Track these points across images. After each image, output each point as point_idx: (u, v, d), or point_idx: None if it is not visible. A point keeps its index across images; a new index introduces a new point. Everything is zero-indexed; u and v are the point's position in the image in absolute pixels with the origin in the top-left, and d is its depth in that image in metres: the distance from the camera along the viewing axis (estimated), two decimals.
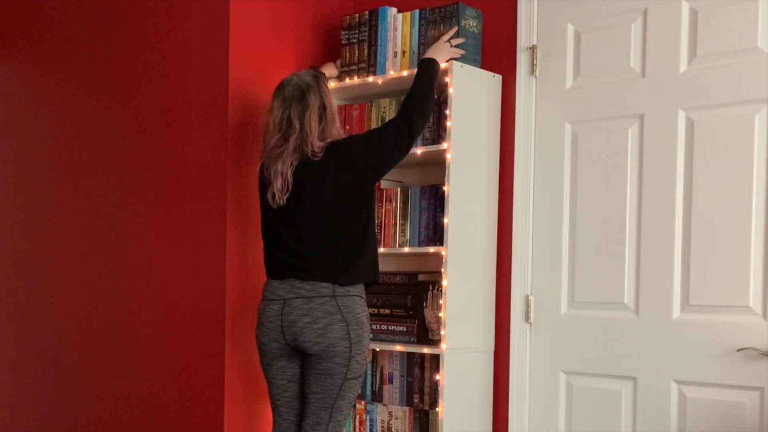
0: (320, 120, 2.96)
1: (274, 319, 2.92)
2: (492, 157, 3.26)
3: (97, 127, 3.78)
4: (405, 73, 3.24)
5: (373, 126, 3.40)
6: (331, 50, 3.61)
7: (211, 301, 3.29)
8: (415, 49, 3.25)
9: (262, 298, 3.00)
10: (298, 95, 2.95)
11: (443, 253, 3.09)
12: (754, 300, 2.79)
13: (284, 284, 2.92)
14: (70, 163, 3.89)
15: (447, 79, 3.11)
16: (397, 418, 3.33)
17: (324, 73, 3.10)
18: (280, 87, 3.00)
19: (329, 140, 2.95)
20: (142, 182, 3.58)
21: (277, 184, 2.92)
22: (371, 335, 2.99)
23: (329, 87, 3.06)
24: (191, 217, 3.38)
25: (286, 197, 2.92)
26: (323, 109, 2.97)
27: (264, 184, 3.01)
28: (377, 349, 3.39)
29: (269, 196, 2.96)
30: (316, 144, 2.92)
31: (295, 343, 2.88)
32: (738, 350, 2.80)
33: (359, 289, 2.93)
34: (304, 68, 3.14)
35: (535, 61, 3.23)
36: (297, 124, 2.93)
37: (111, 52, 3.71)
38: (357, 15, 3.40)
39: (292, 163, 2.92)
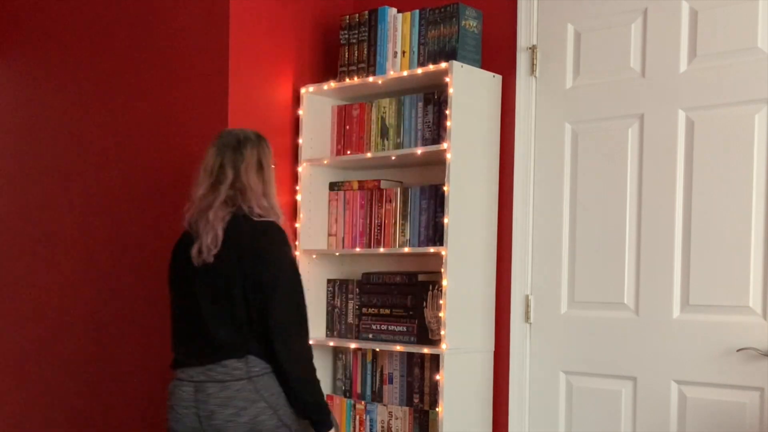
0: (258, 176, 2.71)
1: (187, 405, 2.64)
2: (492, 157, 3.26)
3: (97, 127, 3.78)
4: (405, 73, 3.24)
5: (373, 126, 3.40)
6: (331, 50, 3.61)
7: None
8: (415, 49, 3.25)
9: (172, 377, 2.72)
10: (233, 144, 2.73)
11: (443, 253, 3.09)
12: (754, 300, 2.79)
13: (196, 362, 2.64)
14: (70, 163, 3.89)
15: (447, 79, 3.11)
16: (397, 418, 3.33)
17: (267, 141, 2.83)
18: (217, 136, 2.80)
19: (273, 220, 2.70)
20: (142, 182, 3.58)
21: (208, 238, 2.63)
22: (370, 335, 2.98)
23: (271, 154, 2.80)
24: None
25: (213, 254, 2.63)
26: (260, 166, 2.72)
27: (180, 248, 2.74)
28: (377, 349, 3.39)
29: (194, 252, 2.64)
30: (262, 203, 2.69)
31: None
32: (738, 350, 2.80)
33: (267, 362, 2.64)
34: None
35: (535, 61, 3.23)
36: (230, 173, 2.68)
37: (111, 51, 3.72)
38: (357, 15, 3.40)
39: (224, 217, 2.65)
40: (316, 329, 3.53)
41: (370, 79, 3.33)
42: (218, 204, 2.66)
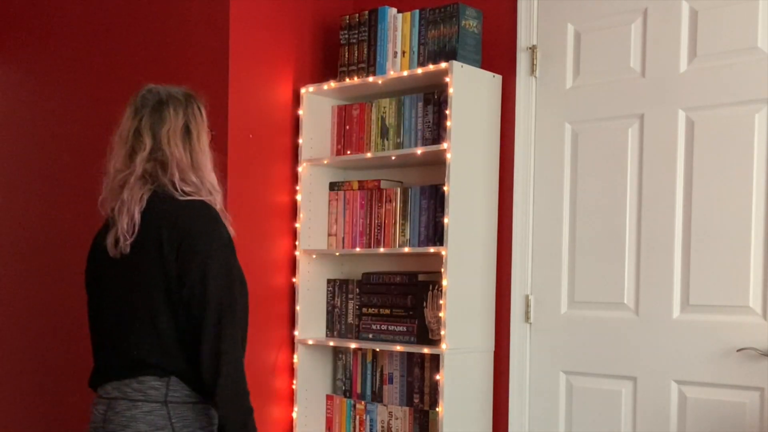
0: (185, 144, 2.21)
1: (97, 426, 2.19)
2: (492, 157, 3.26)
3: (97, 127, 3.78)
4: (405, 73, 3.24)
5: (373, 126, 3.40)
6: (330, 50, 3.61)
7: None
8: (415, 49, 3.25)
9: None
10: (153, 103, 2.24)
11: (443, 253, 3.09)
12: (754, 300, 2.79)
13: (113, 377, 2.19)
14: (70, 163, 3.89)
15: (447, 79, 3.10)
16: (397, 418, 3.32)
17: (202, 101, 2.36)
18: (135, 93, 2.30)
19: (204, 199, 2.21)
20: None
21: (123, 223, 2.15)
22: (370, 335, 2.97)
23: (204, 117, 2.32)
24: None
25: (129, 244, 2.15)
26: (187, 131, 2.23)
27: (97, 239, 2.29)
28: (377, 349, 3.39)
29: (110, 241, 2.18)
30: (189, 177, 2.20)
31: None
32: (738, 350, 2.80)
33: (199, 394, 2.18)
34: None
35: (535, 61, 3.23)
36: (148, 141, 2.19)
37: (111, 51, 3.71)
38: (357, 15, 3.40)
39: (142, 197, 2.16)
40: (316, 329, 3.53)
41: (370, 79, 3.33)
42: (134, 180, 2.18)
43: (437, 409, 3.09)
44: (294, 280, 3.51)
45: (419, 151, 3.20)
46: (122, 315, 2.19)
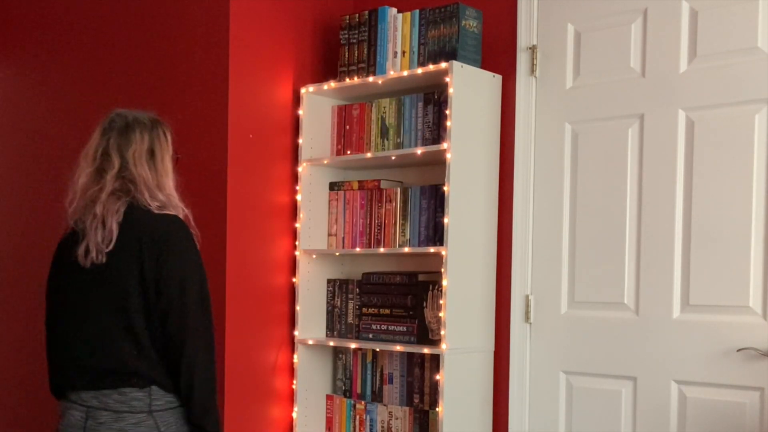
0: (150, 165, 2.34)
1: (74, 431, 2.28)
2: (492, 157, 3.26)
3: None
4: (405, 73, 3.24)
5: (373, 126, 3.40)
6: (330, 50, 3.61)
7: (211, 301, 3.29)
8: (415, 49, 3.25)
9: (62, 399, 2.36)
10: (120, 126, 2.37)
11: (443, 253, 3.09)
12: (754, 300, 2.79)
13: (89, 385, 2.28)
14: (70, 164, 3.88)
15: (447, 79, 3.11)
16: (397, 418, 3.32)
17: (168, 125, 2.48)
18: (105, 116, 2.45)
19: (173, 214, 2.34)
20: None
21: (97, 235, 2.25)
22: (370, 335, 2.97)
23: (169, 141, 2.44)
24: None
25: (106, 253, 2.25)
26: (151, 154, 2.36)
27: (64, 250, 2.37)
28: (377, 349, 3.39)
29: (80, 252, 2.27)
30: (156, 195, 2.33)
31: None
32: (738, 350, 2.80)
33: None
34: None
35: (535, 61, 3.23)
36: (116, 161, 2.32)
37: (111, 52, 3.71)
38: (357, 15, 3.40)
39: (118, 209, 2.28)
40: (316, 329, 3.53)
41: (370, 79, 3.33)
42: (105, 195, 2.29)
43: (437, 409, 3.09)
44: (294, 280, 3.51)
45: (419, 151, 3.20)
46: (97, 323, 2.27)
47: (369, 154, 3.37)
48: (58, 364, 2.36)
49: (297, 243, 3.49)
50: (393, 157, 3.32)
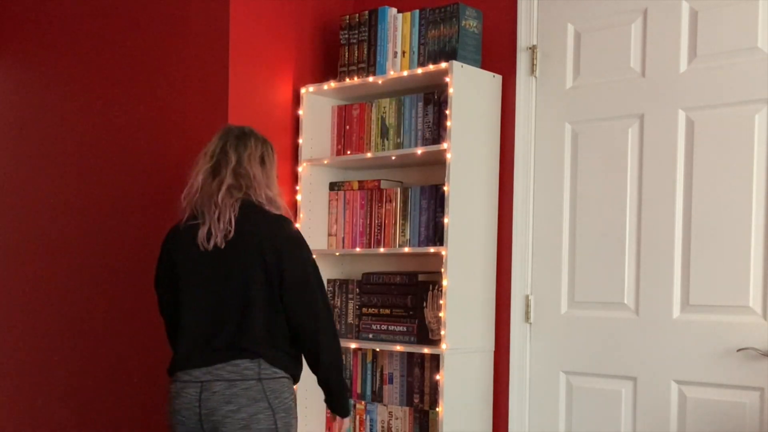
0: (262, 168, 2.66)
1: (190, 406, 2.58)
2: (492, 157, 3.26)
3: (97, 128, 3.78)
4: (405, 73, 3.24)
5: (373, 126, 3.40)
6: (330, 50, 3.61)
7: None
8: (415, 49, 3.25)
9: (173, 379, 2.64)
10: (237, 132, 2.69)
11: (443, 253, 3.09)
12: (754, 300, 2.79)
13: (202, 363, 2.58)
14: (71, 164, 3.89)
15: (447, 79, 3.11)
16: (397, 418, 3.33)
17: (273, 147, 2.77)
18: (222, 128, 2.75)
19: (286, 216, 2.66)
20: (143, 182, 3.58)
21: (219, 223, 2.55)
22: (370, 335, 2.97)
23: (275, 159, 2.75)
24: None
25: (227, 240, 2.56)
26: (262, 161, 2.67)
27: (180, 239, 2.65)
28: (377, 349, 3.39)
29: (202, 235, 2.57)
30: (267, 193, 2.64)
31: None
32: (738, 350, 2.80)
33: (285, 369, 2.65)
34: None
35: (535, 61, 3.23)
36: (233, 157, 2.62)
37: (111, 52, 3.72)
38: (357, 15, 3.40)
39: (233, 204, 2.58)
40: None
41: (370, 79, 3.33)
42: (225, 189, 2.58)
43: (437, 409, 3.09)
44: None
45: (419, 151, 3.20)
46: (219, 309, 2.58)
47: (369, 154, 3.37)
48: (182, 345, 2.62)
49: None
50: (393, 157, 3.32)
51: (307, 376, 3.31)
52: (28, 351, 4.08)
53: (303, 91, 3.51)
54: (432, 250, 3.16)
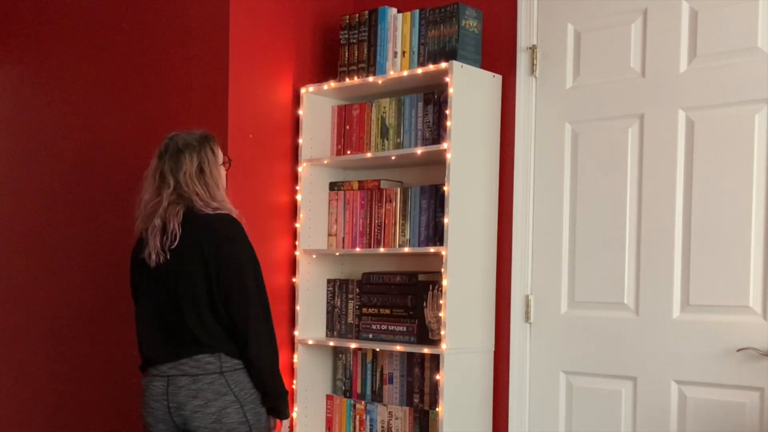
0: (200, 182, 2.75)
1: (159, 398, 2.70)
2: (492, 157, 3.26)
3: (97, 128, 3.78)
4: (405, 73, 3.24)
5: (373, 126, 3.40)
6: (331, 50, 3.61)
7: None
8: (415, 49, 3.25)
9: (144, 374, 2.79)
10: (173, 151, 2.77)
11: (443, 253, 3.09)
12: (754, 300, 2.79)
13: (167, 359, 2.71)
14: (71, 163, 3.89)
15: (447, 79, 3.11)
16: (397, 418, 3.33)
17: (215, 138, 2.85)
18: (161, 141, 2.83)
19: (227, 213, 2.75)
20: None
21: (156, 240, 2.69)
22: (370, 335, 2.98)
23: (216, 154, 2.82)
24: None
25: (170, 249, 2.69)
26: (201, 171, 2.75)
27: (136, 254, 2.81)
28: (377, 349, 3.39)
29: (145, 255, 2.71)
30: (211, 203, 2.73)
31: (186, 427, 2.69)
32: (738, 350, 2.80)
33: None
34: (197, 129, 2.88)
35: (535, 61, 3.23)
36: (171, 181, 2.74)
37: (111, 52, 3.71)
38: (357, 15, 3.40)
39: (178, 212, 2.70)
40: (317, 329, 3.53)
41: (370, 79, 3.33)
42: (165, 206, 2.71)
43: (437, 409, 3.09)
44: (294, 280, 3.51)
45: (419, 151, 3.20)
46: (174, 310, 2.69)
47: (369, 154, 3.37)
48: (144, 344, 2.78)
49: (297, 243, 3.50)
50: (393, 157, 3.32)
51: (306, 375, 3.33)
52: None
53: (303, 91, 3.51)
54: (432, 250, 3.16)
